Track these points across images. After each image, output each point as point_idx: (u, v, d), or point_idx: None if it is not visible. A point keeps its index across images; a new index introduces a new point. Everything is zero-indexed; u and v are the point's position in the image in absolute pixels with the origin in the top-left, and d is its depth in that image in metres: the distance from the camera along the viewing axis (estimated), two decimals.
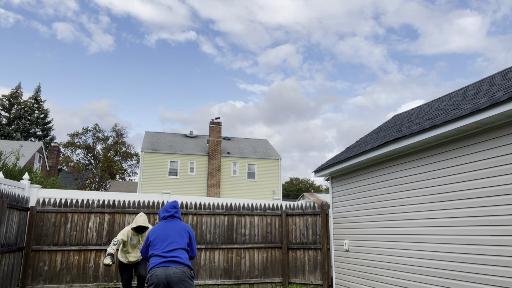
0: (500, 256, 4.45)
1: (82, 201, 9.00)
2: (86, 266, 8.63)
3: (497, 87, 5.42)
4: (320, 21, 78.01)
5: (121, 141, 53.61)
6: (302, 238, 9.79)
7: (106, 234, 8.89)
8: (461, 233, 5.08)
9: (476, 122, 4.62)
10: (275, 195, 30.28)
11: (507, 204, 4.41)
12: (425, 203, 5.77)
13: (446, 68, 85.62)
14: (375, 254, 7.05)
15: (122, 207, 9.14)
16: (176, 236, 4.45)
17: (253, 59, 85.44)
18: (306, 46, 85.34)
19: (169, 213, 4.69)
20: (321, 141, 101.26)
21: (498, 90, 5.02)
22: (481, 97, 5.17)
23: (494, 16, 73.82)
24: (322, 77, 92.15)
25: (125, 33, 76.78)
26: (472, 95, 6.02)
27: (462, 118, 4.78)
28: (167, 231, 4.48)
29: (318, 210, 9.74)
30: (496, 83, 5.95)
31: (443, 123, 5.10)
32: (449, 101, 6.95)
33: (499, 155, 4.57)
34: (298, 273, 9.64)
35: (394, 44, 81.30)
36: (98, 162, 51.96)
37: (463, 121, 4.77)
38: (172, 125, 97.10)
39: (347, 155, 7.86)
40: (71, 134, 52.27)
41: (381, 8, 76.40)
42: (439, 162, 5.56)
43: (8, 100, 42.47)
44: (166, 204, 4.83)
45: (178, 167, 29.83)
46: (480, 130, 4.84)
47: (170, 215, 4.68)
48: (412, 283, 5.94)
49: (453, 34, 78.33)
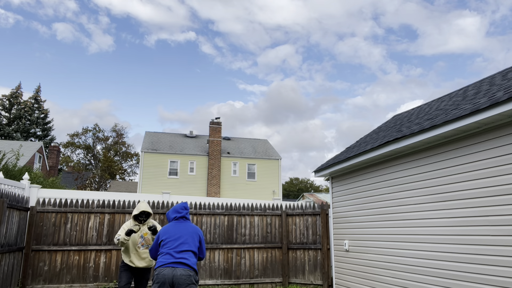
0: (500, 256, 4.45)
1: (82, 201, 9.00)
2: (86, 266, 8.63)
3: (497, 87, 5.42)
4: (319, 21, 78.14)
5: (121, 141, 53.61)
6: (302, 238, 9.79)
7: (106, 234, 8.89)
8: (461, 233, 5.08)
9: (476, 122, 4.62)
10: (275, 195, 30.28)
11: (507, 204, 4.41)
12: (425, 203, 5.77)
13: (445, 69, 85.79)
14: (375, 254, 7.05)
15: (122, 207, 9.14)
16: (188, 238, 4.49)
17: (252, 60, 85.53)
18: (305, 47, 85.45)
19: (180, 214, 4.73)
20: (320, 141, 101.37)
21: (498, 90, 5.02)
22: (481, 97, 5.17)
23: (493, 16, 74.02)
24: (321, 77, 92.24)
25: (125, 33, 76.84)
26: (472, 95, 6.01)
27: (462, 118, 4.78)
28: (180, 231, 4.53)
29: (318, 210, 9.74)
30: (496, 83, 5.95)
31: (443, 123, 5.10)
32: (449, 101, 6.95)
33: (499, 155, 4.57)
34: (298, 273, 9.64)
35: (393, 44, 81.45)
36: (98, 162, 51.96)
37: (463, 121, 4.77)
38: (171, 125, 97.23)
39: (347, 155, 7.86)
40: (71, 134, 52.29)
41: (380, 8, 76.54)
42: (439, 162, 5.56)
43: (8, 100, 42.47)
44: (177, 204, 4.87)
45: (178, 167, 29.83)
46: (480, 130, 4.84)
47: (182, 216, 4.73)
48: (412, 283, 5.94)
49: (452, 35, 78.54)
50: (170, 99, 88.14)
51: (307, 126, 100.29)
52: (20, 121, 41.45)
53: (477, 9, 75.92)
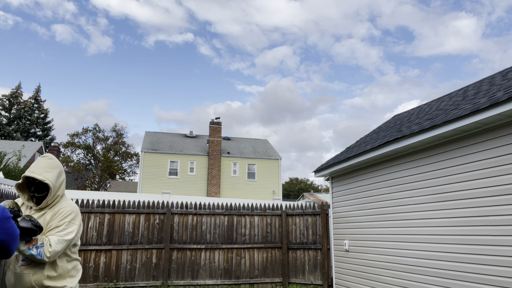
0: (500, 256, 4.45)
1: (82, 201, 9.00)
2: (86, 266, 8.63)
3: (497, 87, 5.42)
4: (316, 23, 78.40)
5: (120, 141, 53.62)
6: (302, 238, 9.79)
7: (106, 234, 8.90)
8: (461, 233, 5.08)
9: (476, 122, 4.62)
10: (275, 195, 30.29)
11: (507, 204, 4.42)
12: (425, 203, 5.77)
13: (442, 70, 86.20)
14: (375, 254, 7.05)
15: (122, 207, 9.14)
16: None
17: (250, 61, 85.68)
18: (303, 48, 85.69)
19: None
20: (318, 141, 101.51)
21: (498, 90, 5.02)
22: (481, 97, 5.17)
23: (489, 18, 74.43)
24: (319, 78, 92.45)
25: (123, 34, 76.88)
26: (472, 95, 6.02)
27: (462, 118, 4.78)
28: None
29: (318, 210, 9.74)
30: (496, 83, 5.95)
31: (443, 123, 5.10)
32: (449, 101, 6.95)
33: (499, 155, 4.57)
34: (298, 273, 9.64)
35: (390, 46, 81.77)
36: (98, 162, 51.97)
37: (463, 121, 4.77)
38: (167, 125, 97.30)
39: (347, 155, 7.86)
40: (71, 134, 52.29)
41: (376, 10, 76.82)
42: (439, 162, 5.56)
43: (8, 100, 42.47)
44: None
45: (178, 167, 29.82)
46: (480, 130, 4.84)
47: None
48: (412, 283, 5.94)
49: (449, 36, 78.98)
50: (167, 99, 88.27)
51: (304, 126, 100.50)
52: (20, 121, 41.46)
53: (473, 11, 76.34)
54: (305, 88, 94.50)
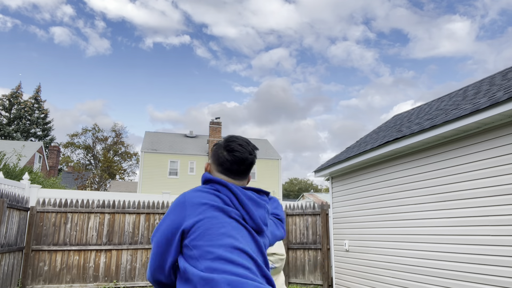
0: (500, 256, 4.45)
1: (82, 201, 9.00)
2: (86, 266, 8.63)
3: (497, 87, 5.42)
4: (311, 26, 78.72)
5: (120, 141, 53.62)
6: (302, 238, 9.78)
7: (106, 234, 8.89)
8: (461, 233, 5.08)
9: (476, 122, 4.62)
10: (275, 195, 30.30)
11: (507, 204, 4.41)
12: (425, 203, 5.77)
13: (437, 71, 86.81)
14: (375, 254, 7.05)
15: (122, 207, 9.14)
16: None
17: (247, 62, 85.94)
18: (298, 50, 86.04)
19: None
20: (314, 141, 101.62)
21: (498, 90, 5.02)
22: (481, 97, 5.17)
23: (482, 21, 74.90)
24: (315, 80, 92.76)
25: (121, 37, 77.12)
26: (472, 95, 6.01)
27: (462, 118, 4.78)
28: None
29: (318, 210, 9.74)
30: (496, 83, 5.95)
31: (443, 123, 5.10)
32: (449, 101, 6.95)
33: (499, 155, 4.57)
34: (298, 273, 9.63)
35: (385, 48, 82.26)
36: (98, 162, 51.97)
37: (463, 121, 4.77)
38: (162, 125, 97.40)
39: (347, 155, 7.86)
40: (70, 134, 52.30)
41: (370, 13, 77.20)
42: (439, 162, 5.56)
43: (8, 100, 42.46)
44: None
45: (178, 167, 29.83)
46: (480, 130, 4.84)
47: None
48: (412, 283, 5.94)
49: (443, 39, 79.57)
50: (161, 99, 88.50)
51: (300, 127, 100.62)
52: (20, 121, 41.45)
53: (466, 14, 76.75)
54: (302, 89, 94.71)
